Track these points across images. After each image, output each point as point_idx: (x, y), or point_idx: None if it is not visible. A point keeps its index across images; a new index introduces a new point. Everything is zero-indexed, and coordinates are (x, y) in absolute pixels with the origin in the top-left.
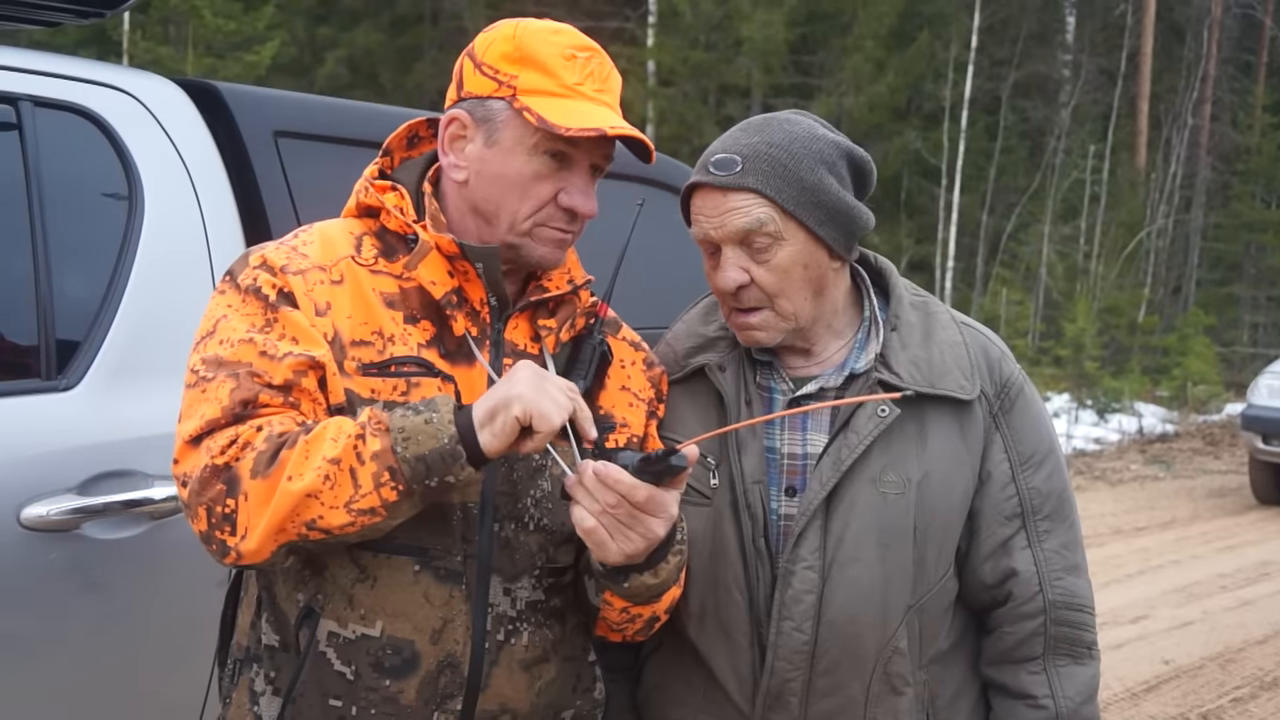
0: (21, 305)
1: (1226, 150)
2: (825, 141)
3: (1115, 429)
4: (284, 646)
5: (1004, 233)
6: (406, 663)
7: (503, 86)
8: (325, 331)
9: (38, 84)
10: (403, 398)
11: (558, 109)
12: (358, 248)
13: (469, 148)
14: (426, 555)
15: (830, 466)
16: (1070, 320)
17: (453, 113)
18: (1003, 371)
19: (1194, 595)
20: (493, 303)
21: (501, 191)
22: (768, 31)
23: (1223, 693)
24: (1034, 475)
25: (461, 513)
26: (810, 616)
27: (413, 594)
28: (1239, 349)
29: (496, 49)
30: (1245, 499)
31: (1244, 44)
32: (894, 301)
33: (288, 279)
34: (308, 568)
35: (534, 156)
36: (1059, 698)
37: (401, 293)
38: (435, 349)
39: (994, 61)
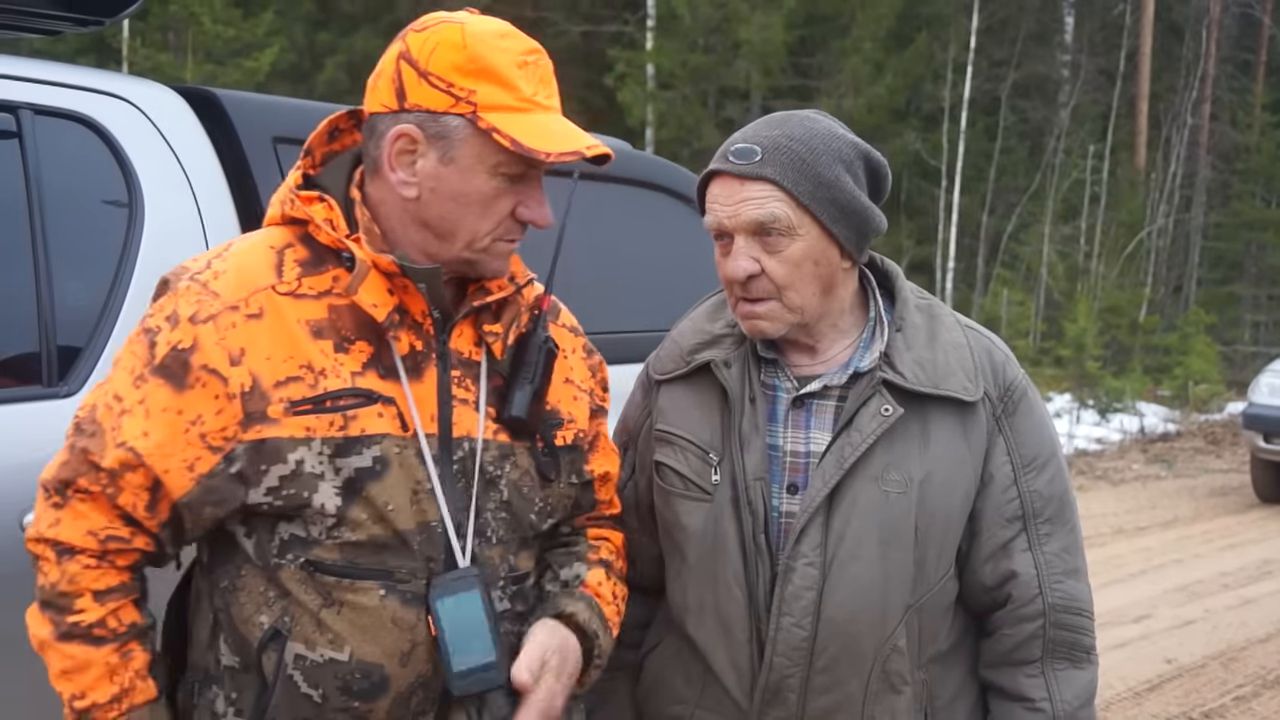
0: (23, 312)
1: (1226, 149)
2: (844, 141)
3: (1117, 429)
4: (245, 668)
5: (1004, 233)
6: (376, 686)
7: (460, 103)
8: (241, 382)
9: (38, 92)
10: (340, 433)
11: (524, 128)
12: (279, 269)
13: (420, 164)
14: (391, 579)
15: (833, 464)
16: (1071, 320)
17: (402, 128)
18: (1006, 375)
19: (1196, 594)
20: (435, 315)
21: (460, 210)
22: (766, 34)
23: (1225, 691)
24: (1036, 478)
25: (424, 534)
26: (810, 613)
27: (380, 619)
28: (1240, 348)
29: (446, 58)
30: (1247, 498)
31: (1243, 43)
32: (899, 303)
33: (195, 332)
34: (272, 588)
35: (494, 176)
36: (1056, 701)
37: (331, 316)
38: (373, 370)
39: (993, 62)
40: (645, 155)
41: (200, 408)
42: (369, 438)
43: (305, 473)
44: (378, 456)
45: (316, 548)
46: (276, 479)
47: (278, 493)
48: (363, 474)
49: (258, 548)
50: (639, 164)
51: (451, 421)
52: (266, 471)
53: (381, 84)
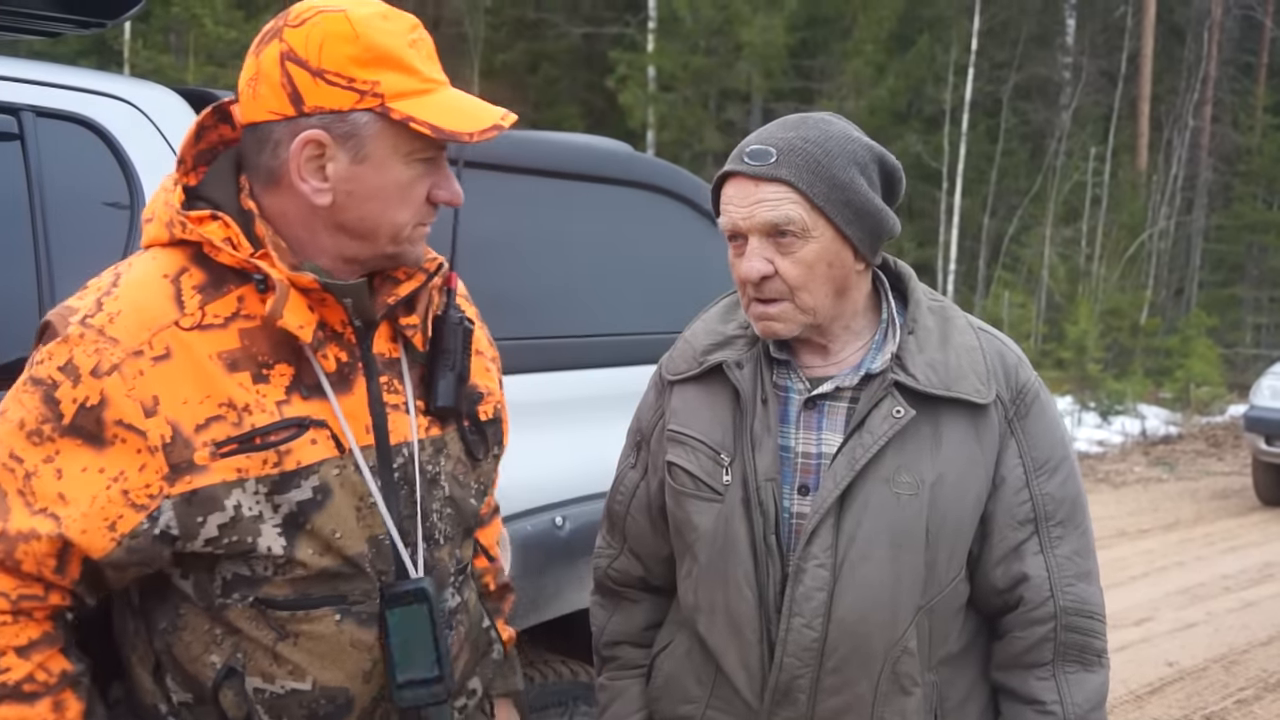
0: (24, 314)
1: (1228, 151)
2: (859, 144)
3: (1118, 431)
4: (200, 700)
5: (1006, 235)
6: (341, 708)
7: (365, 96)
8: (161, 433)
9: (39, 94)
10: (275, 469)
11: (435, 110)
12: (178, 301)
13: (331, 167)
14: (345, 602)
15: (844, 465)
16: (1072, 322)
17: (308, 134)
18: (1019, 377)
19: (1198, 597)
20: (356, 324)
21: (380, 206)
22: (768, 36)
23: (1227, 694)
24: (1048, 481)
25: (373, 549)
26: (821, 614)
27: (338, 644)
28: (1241, 350)
29: (339, 52)
30: (1249, 500)
31: (1244, 45)
32: (912, 305)
33: (100, 385)
34: (218, 626)
35: (410, 164)
36: (1068, 704)
37: (244, 343)
38: (297, 393)
39: (994, 64)
40: (646, 158)
41: (121, 463)
42: (306, 469)
43: (244, 517)
44: (317, 486)
45: (265, 585)
46: (215, 529)
47: (218, 542)
48: (304, 506)
49: (198, 589)
50: (640, 167)
51: (387, 430)
52: (204, 523)
53: (265, 89)
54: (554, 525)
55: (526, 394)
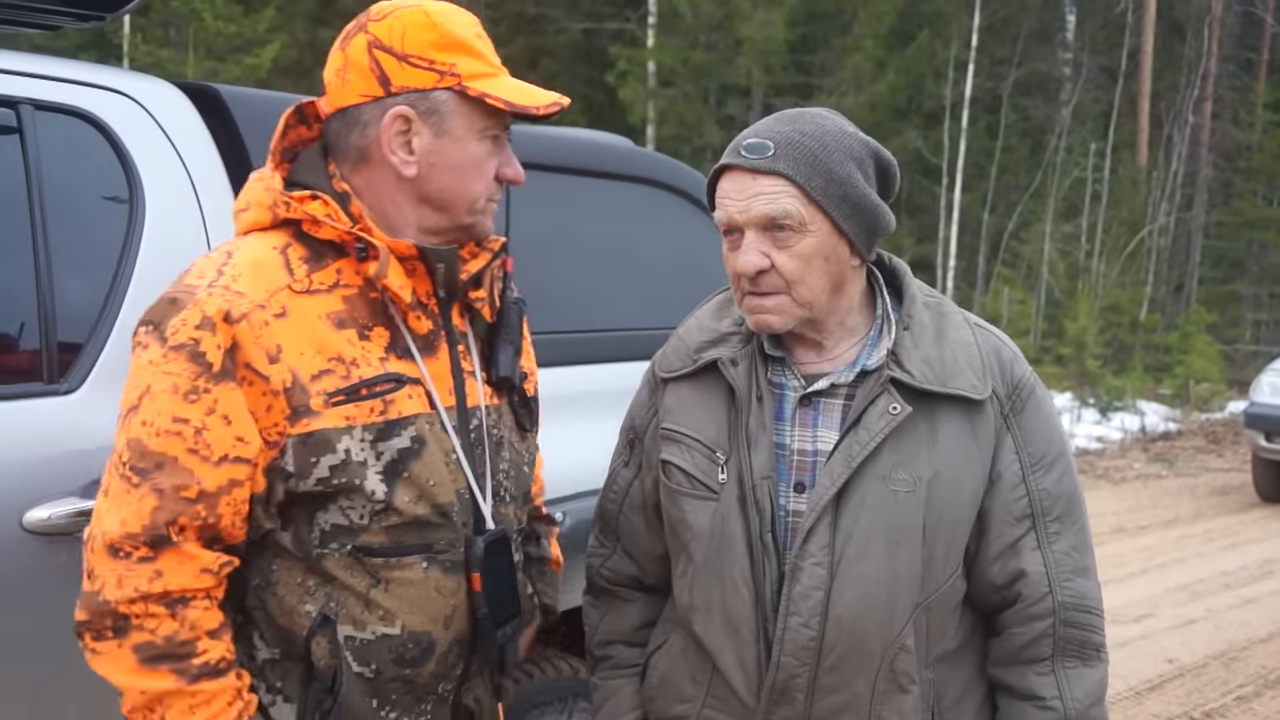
0: (23, 309)
1: (1228, 148)
2: (855, 139)
3: (1118, 427)
4: (287, 655)
5: (1005, 231)
6: (425, 651)
7: (445, 76)
8: (283, 379)
9: (38, 87)
10: (380, 418)
11: (506, 90)
12: (288, 269)
13: (416, 141)
14: (432, 551)
15: (841, 463)
16: (1072, 319)
17: (397, 110)
18: (1014, 372)
19: (1197, 593)
20: (441, 295)
21: (460, 178)
22: (768, 31)
23: (1226, 691)
24: (1044, 477)
25: (459, 502)
26: (818, 613)
27: (425, 589)
28: (1241, 347)
29: (421, 38)
30: (1248, 497)
31: (1245, 41)
32: (907, 301)
33: (233, 330)
34: (312, 577)
35: (482, 140)
36: (1067, 699)
37: (347, 306)
38: (393, 353)
39: (994, 60)
40: (647, 152)
41: (255, 405)
42: (405, 419)
43: (353, 461)
44: (415, 436)
45: (363, 534)
46: (327, 469)
47: (328, 482)
48: (404, 454)
49: (296, 540)
50: (642, 162)
51: (465, 393)
52: (317, 463)
53: (354, 76)
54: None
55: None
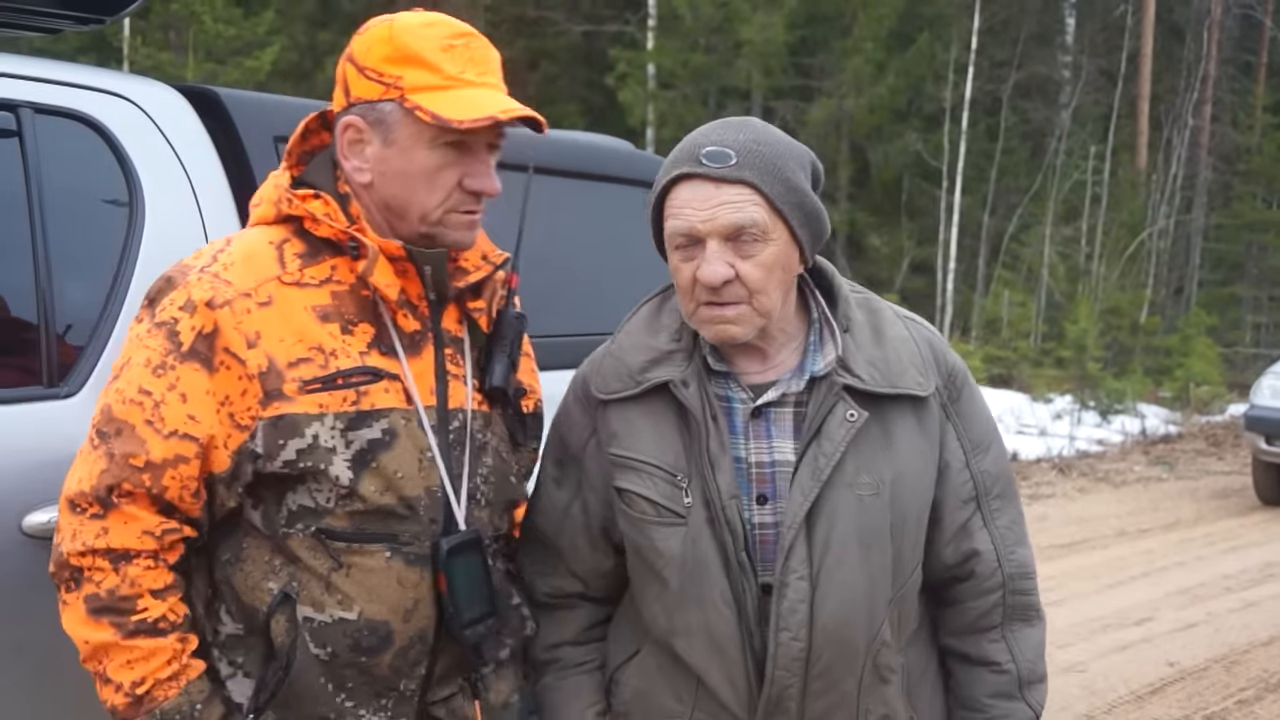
0: (23, 312)
1: (1227, 151)
2: (798, 147)
3: (1118, 430)
4: (249, 632)
5: (1005, 234)
6: (382, 640)
7: (389, 89)
8: (259, 363)
9: (38, 91)
10: (353, 407)
11: (447, 102)
12: (281, 261)
13: (368, 150)
14: (396, 542)
15: (809, 475)
16: (1072, 321)
17: (346, 119)
18: (948, 362)
19: (1198, 597)
20: (431, 298)
21: (408, 188)
22: (767, 34)
23: (1228, 695)
24: (984, 459)
25: (428, 499)
26: (805, 625)
27: (386, 579)
28: (1241, 349)
29: (376, 52)
30: (1249, 500)
31: (1244, 44)
32: (841, 302)
33: (214, 315)
34: (278, 557)
35: (434, 150)
36: (1019, 660)
37: (335, 301)
38: (376, 349)
39: (994, 63)
40: (650, 156)
41: (227, 389)
42: (378, 411)
43: (320, 446)
44: (386, 429)
45: (327, 516)
46: (294, 452)
47: (294, 465)
48: (374, 445)
49: (265, 519)
50: (644, 165)
51: (447, 395)
52: (284, 445)
53: (338, 87)
54: None
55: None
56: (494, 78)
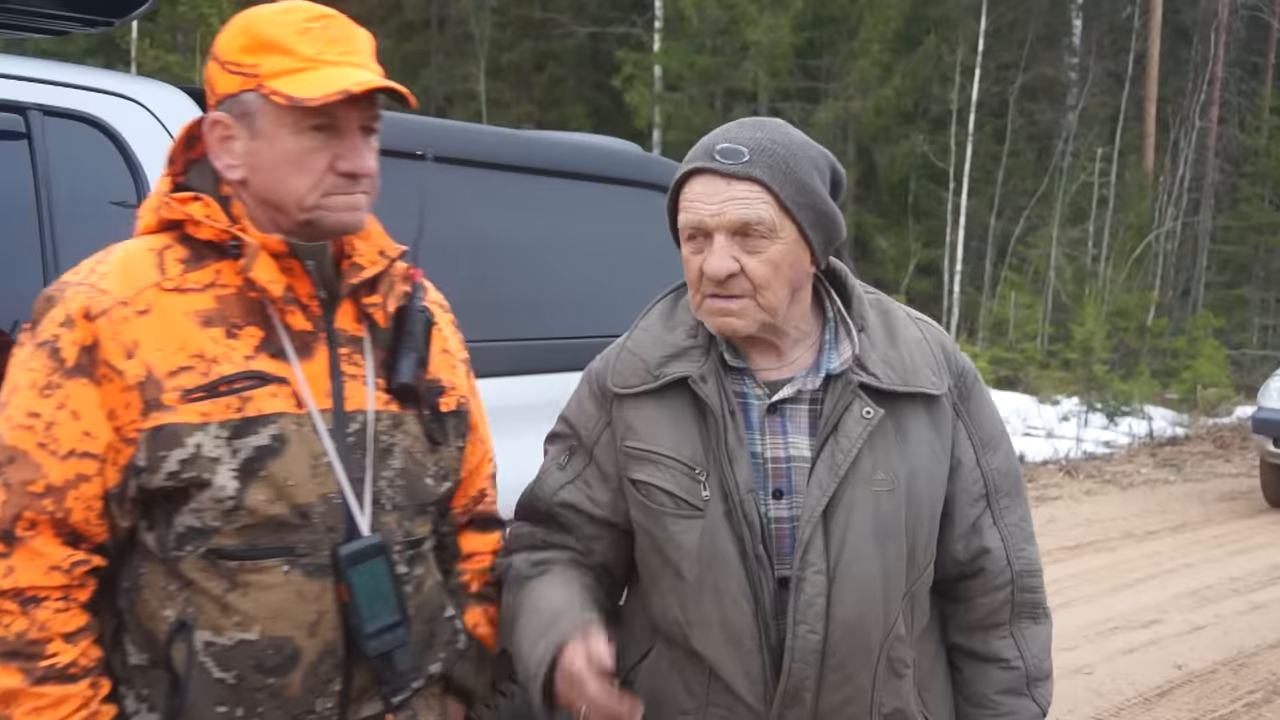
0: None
1: (1234, 152)
2: (815, 149)
3: (1125, 432)
4: (153, 664)
5: (1012, 236)
6: (289, 659)
7: (248, 78)
8: (137, 375)
9: (47, 93)
10: (237, 414)
11: (301, 83)
12: (161, 268)
13: (237, 145)
14: (293, 554)
15: (827, 471)
16: (1079, 323)
17: (212, 117)
18: (959, 362)
19: (1206, 599)
20: (322, 296)
21: (280, 176)
22: (774, 36)
23: (1236, 697)
24: (994, 457)
25: (324, 506)
26: (821, 618)
27: (285, 594)
28: (1248, 351)
29: (234, 44)
30: (1256, 502)
31: (1251, 46)
32: (855, 302)
33: (93, 327)
34: (173, 581)
35: (300, 135)
36: (1027, 657)
37: (218, 305)
38: (264, 353)
39: (1001, 65)
40: (657, 158)
41: (112, 402)
42: (265, 417)
43: (203, 456)
44: (275, 434)
45: (215, 535)
46: (176, 463)
47: (177, 476)
48: (262, 452)
49: (158, 542)
50: (652, 167)
51: (344, 396)
52: (166, 457)
53: (207, 87)
54: None
55: (535, 395)
56: (358, 56)
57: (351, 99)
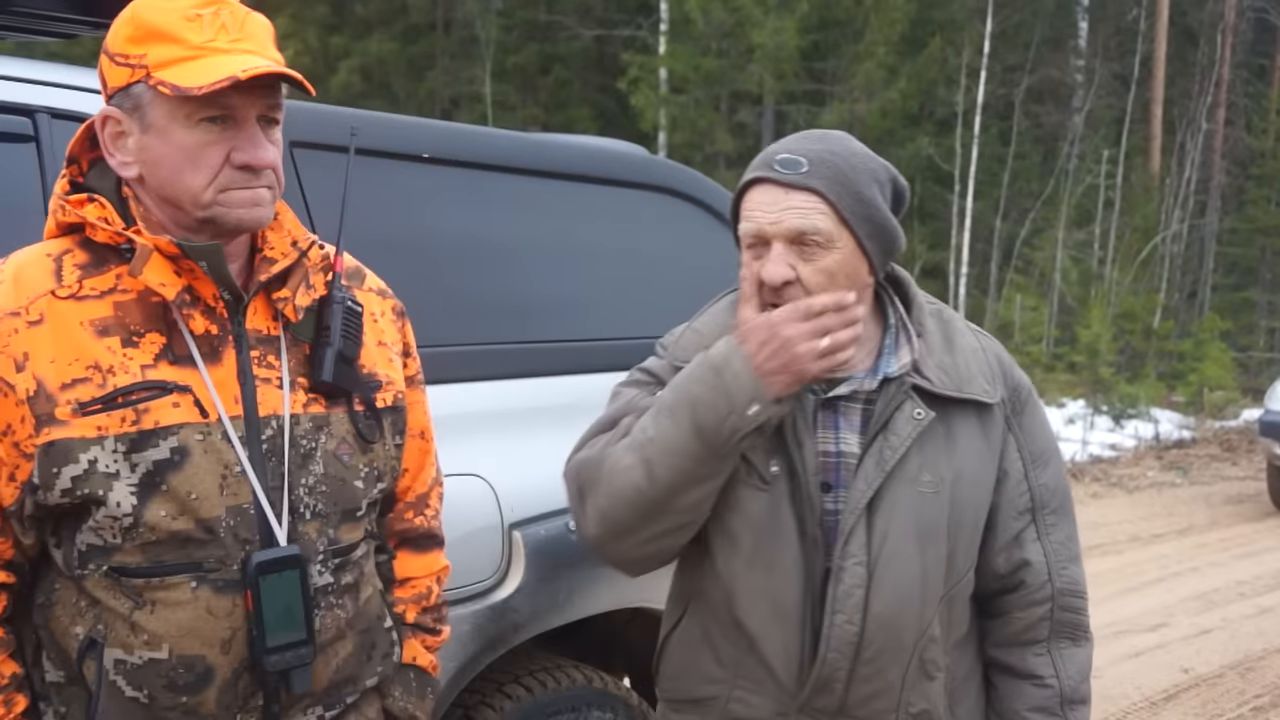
0: None
1: (1241, 154)
2: (877, 162)
3: (1131, 435)
4: (70, 681)
5: (1018, 238)
6: (200, 678)
7: (136, 70)
8: (27, 387)
9: (55, 96)
10: (133, 427)
11: (189, 72)
12: (57, 275)
13: (130, 141)
14: (201, 569)
15: (874, 467)
16: (1085, 326)
17: (104, 111)
18: (1014, 376)
19: (1213, 603)
20: (226, 297)
21: (174, 172)
22: (780, 38)
23: (1243, 701)
24: (1043, 473)
25: (236, 517)
26: (859, 609)
27: (195, 611)
28: (1255, 354)
29: (120, 34)
30: (1263, 505)
31: (1257, 48)
32: (915, 310)
33: None
34: (82, 599)
35: (192, 127)
36: (1063, 677)
37: (117, 313)
38: (165, 360)
39: (1007, 67)
40: (663, 161)
41: (7, 417)
42: (164, 429)
43: (98, 472)
44: (176, 447)
45: (117, 553)
46: (69, 480)
47: (71, 494)
48: (161, 466)
49: (65, 559)
50: (657, 170)
51: (256, 402)
52: (59, 473)
53: (100, 83)
54: (566, 530)
55: (539, 398)
56: (252, 43)
57: (245, 87)
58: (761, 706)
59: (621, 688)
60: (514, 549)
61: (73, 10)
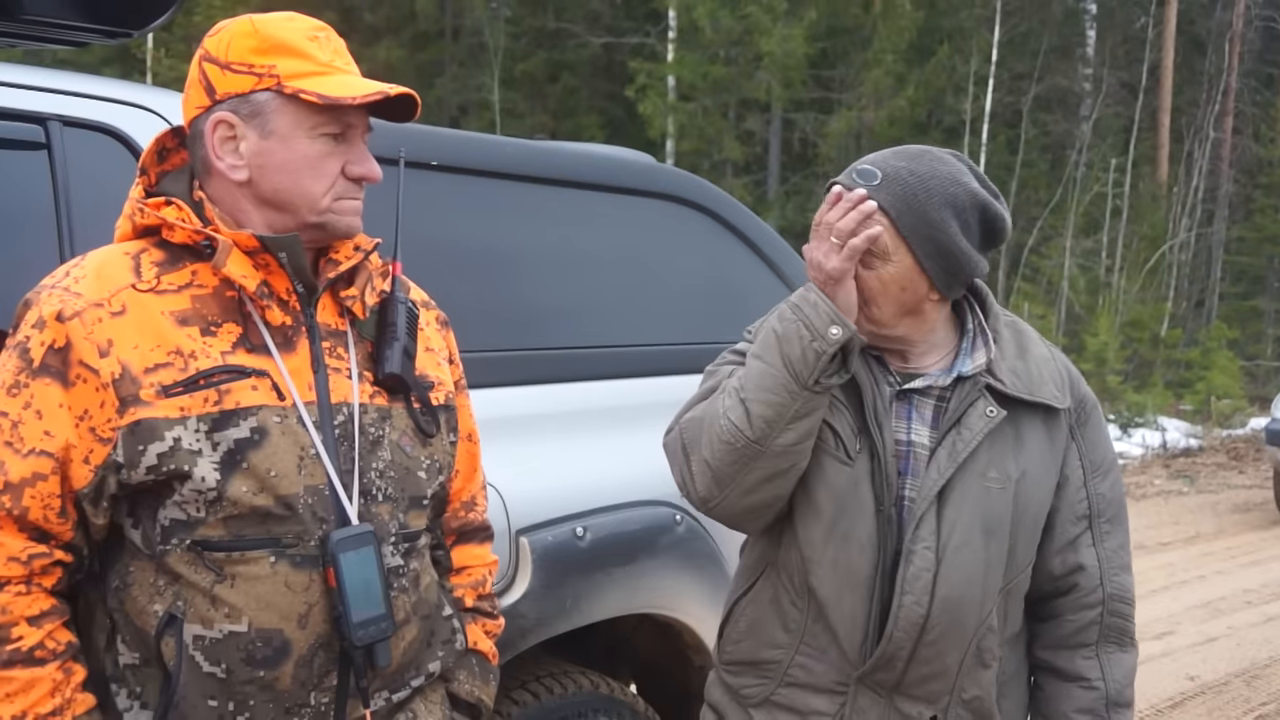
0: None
1: (1248, 163)
2: (963, 188)
3: (1139, 443)
4: (145, 661)
5: (1026, 246)
6: (278, 652)
7: (263, 78)
8: (112, 370)
9: (66, 104)
10: (215, 407)
11: (329, 85)
12: (136, 271)
13: (243, 145)
14: (279, 545)
15: (946, 458)
16: (1093, 334)
17: (217, 116)
18: (1081, 389)
19: (1219, 611)
20: (300, 290)
21: (294, 178)
22: (788, 46)
23: (1249, 709)
24: (1101, 482)
25: (312, 496)
26: (927, 592)
27: (273, 585)
28: (1262, 363)
29: (241, 45)
30: (1270, 514)
31: (1265, 56)
32: (992, 318)
33: (65, 329)
34: (161, 576)
35: (314, 139)
36: (1109, 680)
37: (195, 305)
38: (242, 348)
39: (1014, 75)
40: (671, 169)
41: (85, 402)
42: (244, 410)
43: (183, 449)
44: (255, 427)
45: (201, 527)
46: (155, 457)
47: (157, 470)
48: (242, 445)
49: (144, 538)
50: (665, 178)
51: (328, 389)
52: (145, 451)
53: (191, 91)
54: (574, 536)
55: (547, 404)
56: (355, 68)
57: (361, 106)
58: (822, 674)
59: (628, 694)
60: (521, 555)
61: (83, 18)
